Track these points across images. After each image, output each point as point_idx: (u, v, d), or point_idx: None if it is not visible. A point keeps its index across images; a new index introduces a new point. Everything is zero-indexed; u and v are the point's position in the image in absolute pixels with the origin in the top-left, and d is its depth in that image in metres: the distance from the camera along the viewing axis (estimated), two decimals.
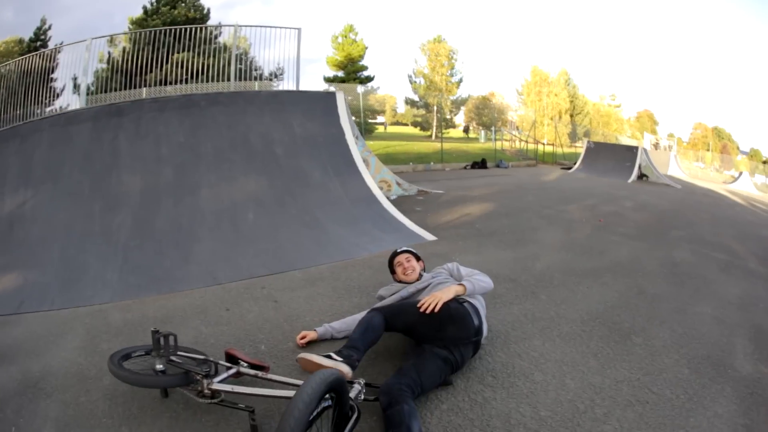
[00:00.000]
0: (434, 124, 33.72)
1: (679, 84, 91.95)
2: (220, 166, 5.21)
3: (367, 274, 4.02)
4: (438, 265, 3.36)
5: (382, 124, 36.80)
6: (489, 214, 7.44)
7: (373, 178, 6.44)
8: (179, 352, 2.22)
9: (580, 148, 24.64)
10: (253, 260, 4.15)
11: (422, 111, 36.08)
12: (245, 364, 2.25)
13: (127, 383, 2.06)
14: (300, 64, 7.59)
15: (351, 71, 31.90)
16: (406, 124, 41.58)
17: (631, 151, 18.29)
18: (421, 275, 3.19)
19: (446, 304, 2.60)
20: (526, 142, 27.58)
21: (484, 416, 2.32)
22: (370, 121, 28.86)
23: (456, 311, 2.63)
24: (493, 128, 30.99)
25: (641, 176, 17.37)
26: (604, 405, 2.54)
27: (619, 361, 3.04)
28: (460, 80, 37.43)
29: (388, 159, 13.78)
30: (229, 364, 2.22)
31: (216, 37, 12.36)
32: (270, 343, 2.81)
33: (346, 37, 32.32)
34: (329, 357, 2.32)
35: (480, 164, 17.63)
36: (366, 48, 32.43)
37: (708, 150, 46.99)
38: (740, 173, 29.85)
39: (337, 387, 1.66)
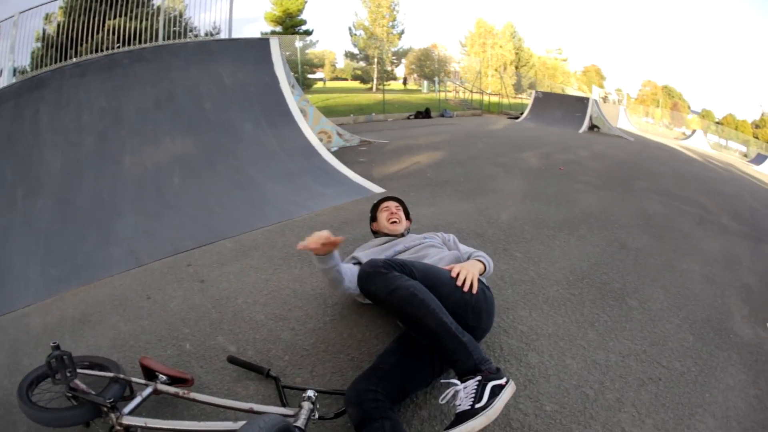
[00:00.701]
0: (375, 76, 34.46)
1: (628, 41, 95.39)
2: (143, 129, 5.01)
3: (286, 238, 3.68)
4: None
5: (321, 79, 36.91)
6: (439, 162, 7.13)
7: (311, 129, 6.21)
8: (85, 370, 1.94)
9: (526, 99, 25.32)
10: (178, 231, 3.89)
11: (362, 64, 37.42)
12: (164, 378, 1.92)
13: (32, 420, 1.78)
14: (233, 10, 7.73)
15: (289, 26, 32.03)
16: (345, 79, 42.25)
17: (582, 102, 18.45)
18: (405, 234, 2.73)
19: (482, 286, 2.03)
20: (471, 92, 27.93)
21: None
22: (309, 76, 28.83)
23: (490, 299, 2.10)
24: (436, 79, 31.68)
25: (592, 127, 17.61)
26: (614, 388, 2.17)
27: (619, 330, 2.69)
28: (402, 32, 38.14)
29: (327, 111, 13.45)
30: (144, 382, 1.90)
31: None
32: (196, 340, 2.37)
33: None
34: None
35: (424, 114, 17.62)
36: (305, 1, 32.68)
37: (657, 107, 49.37)
38: (693, 131, 31.97)
39: None
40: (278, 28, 32.02)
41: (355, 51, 37.65)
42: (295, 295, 2.79)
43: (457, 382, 1.53)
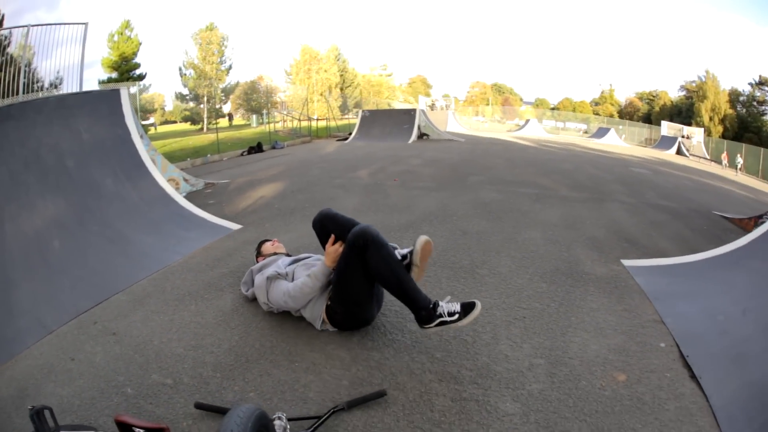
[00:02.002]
0: (205, 116, 36.71)
1: (452, 47, 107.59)
2: (17, 193, 5.09)
3: (190, 278, 4.08)
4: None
5: (152, 124, 36.90)
6: (282, 193, 7.69)
7: (162, 177, 6.77)
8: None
9: (353, 119, 27.97)
10: (73, 293, 4.08)
11: (192, 104, 39.28)
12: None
13: None
14: (84, 62, 8.42)
15: (125, 71, 34.45)
16: (175, 121, 42.80)
17: (409, 114, 20.58)
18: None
19: None
20: (299, 120, 29.84)
21: (390, 372, 2.49)
22: (143, 123, 28.21)
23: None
24: (264, 112, 34.03)
25: (421, 136, 19.57)
26: (487, 331, 2.88)
27: (476, 293, 3.47)
28: (230, 67, 40.79)
29: (166, 158, 13.22)
30: None
31: (5, 48, 11.44)
32: (134, 383, 2.58)
33: (122, 34, 34.67)
34: None
35: (257, 148, 18.47)
36: (140, 44, 35.35)
37: (488, 104, 56.20)
38: (527, 120, 37.36)
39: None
40: (114, 74, 34.05)
41: (185, 92, 39.23)
42: (200, 326, 3.15)
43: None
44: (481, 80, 71.81)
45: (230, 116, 42.38)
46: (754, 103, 46.90)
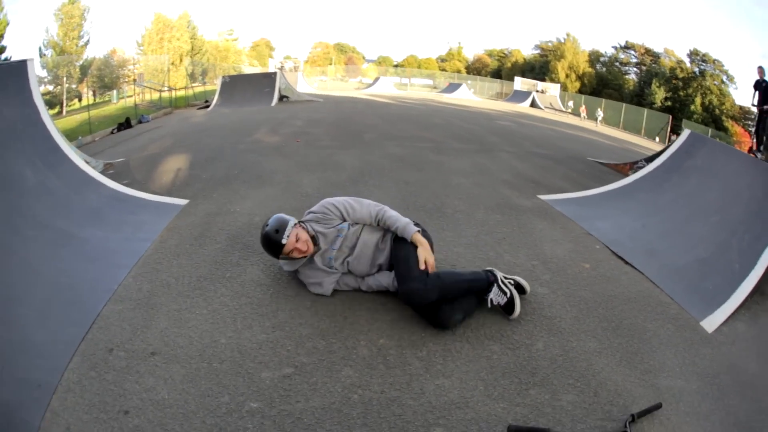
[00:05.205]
0: (64, 97, 33.64)
1: (295, 7, 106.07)
2: None
3: (186, 263, 3.75)
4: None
5: None
6: (196, 162, 7.13)
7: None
8: None
9: (209, 87, 28.58)
10: (50, 324, 3.07)
11: (50, 88, 35.26)
12: None
13: None
14: None
15: None
16: None
17: (269, 77, 20.89)
18: (319, 245, 3.20)
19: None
20: (160, 91, 29.02)
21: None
22: None
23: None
24: (123, 87, 32.74)
25: (282, 98, 19.95)
26: (489, 251, 3.98)
27: (459, 228, 4.58)
28: (87, 42, 38.65)
29: None
30: None
31: None
32: (263, 400, 2.39)
33: None
34: None
35: (126, 124, 17.60)
36: (8, 23, 33.10)
37: (330, 64, 57.05)
38: (377, 78, 39.89)
39: None
40: None
41: (44, 74, 35.58)
42: (256, 305, 3.13)
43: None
44: (324, 40, 72.62)
45: (79, 96, 39.30)
46: (617, 64, 54.00)
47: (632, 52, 53.57)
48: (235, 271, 3.55)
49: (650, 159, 6.52)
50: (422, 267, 2.82)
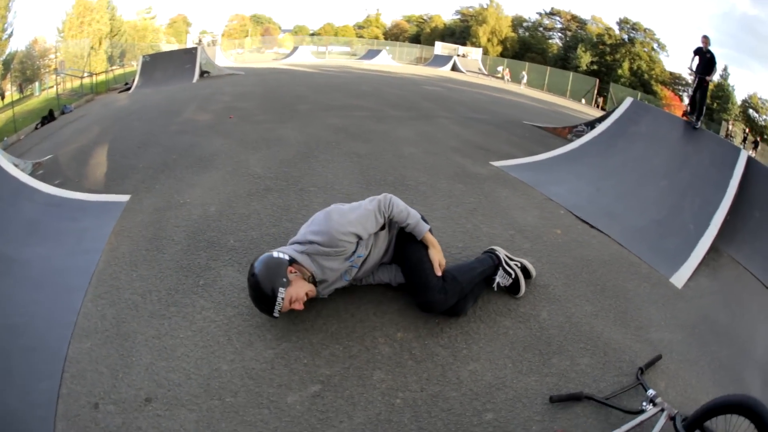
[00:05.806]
0: None
1: None
2: None
3: (147, 272, 3.33)
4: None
5: None
6: (129, 151, 6.63)
7: None
8: None
9: (128, 68, 28.71)
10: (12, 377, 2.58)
11: None
12: None
13: None
14: None
15: None
16: None
17: (190, 53, 20.20)
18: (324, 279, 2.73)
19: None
20: (81, 78, 27.78)
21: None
22: None
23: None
24: (45, 77, 31.20)
25: (203, 74, 19.17)
26: (466, 223, 4.11)
27: (427, 201, 4.63)
28: (11, 34, 34.91)
29: None
30: None
31: None
32: None
33: None
34: None
35: (49, 117, 16.69)
36: None
37: (247, 36, 56.07)
38: (295, 48, 40.88)
39: None
40: None
41: None
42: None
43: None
44: (240, 12, 70.33)
45: (2, 94, 36.34)
46: (541, 29, 54.31)
47: (558, 18, 54.57)
48: (208, 276, 3.16)
49: (590, 124, 6.92)
50: (438, 273, 2.70)
